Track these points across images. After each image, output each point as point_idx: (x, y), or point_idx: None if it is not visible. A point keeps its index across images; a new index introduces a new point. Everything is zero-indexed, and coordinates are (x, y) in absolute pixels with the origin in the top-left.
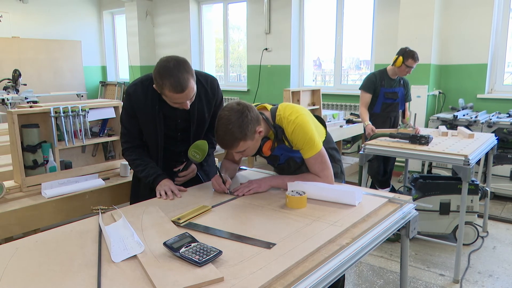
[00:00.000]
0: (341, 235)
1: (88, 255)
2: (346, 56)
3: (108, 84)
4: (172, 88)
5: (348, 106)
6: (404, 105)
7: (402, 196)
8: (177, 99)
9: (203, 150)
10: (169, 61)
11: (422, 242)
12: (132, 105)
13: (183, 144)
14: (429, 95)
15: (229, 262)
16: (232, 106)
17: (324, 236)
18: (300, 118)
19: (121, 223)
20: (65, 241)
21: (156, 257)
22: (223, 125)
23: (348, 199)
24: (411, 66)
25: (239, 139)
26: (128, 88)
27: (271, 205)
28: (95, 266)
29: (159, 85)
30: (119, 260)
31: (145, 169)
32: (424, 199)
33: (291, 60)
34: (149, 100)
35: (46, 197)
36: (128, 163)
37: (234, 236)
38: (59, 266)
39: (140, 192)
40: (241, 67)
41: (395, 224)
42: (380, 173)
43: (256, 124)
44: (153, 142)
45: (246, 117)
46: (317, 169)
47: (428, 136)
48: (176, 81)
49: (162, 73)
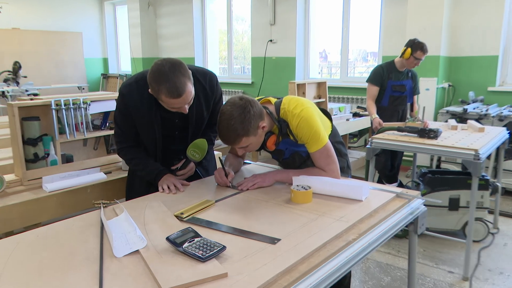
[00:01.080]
0: (348, 230)
1: (89, 250)
2: (352, 47)
3: (110, 77)
4: (169, 94)
5: (354, 99)
6: (412, 98)
7: (410, 191)
8: (175, 104)
9: (203, 149)
10: (163, 64)
11: (431, 239)
12: (126, 106)
13: (181, 143)
14: (438, 88)
15: (233, 258)
16: (234, 101)
17: (330, 231)
18: (305, 111)
19: (123, 217)
20: (66, 236)
21: (159, 252)
22: (225, 120)
23: (355, 194)
24: (420, 58)
25: (241, 135)
26: (122, 88)
27: (275, 200)
28: (97, 261)
29: (154, 90)
30: (121, 255)
31: (144, 168)
32: (433, 194)
33: (297, 52)
34: (145, 102)
35: (47, 191)
36: (125, 163)
37: (238, 231)
38: (60, 261)
39: (135, 188)
40: (245, 59)
41: (403, 219)
42: (388, 168)
43: (259, 119)
44: (150, 143)
45: (248, 113)
46: (323, 164)
47: (437, 129)
48: (173, 86)
49: (157, 78)
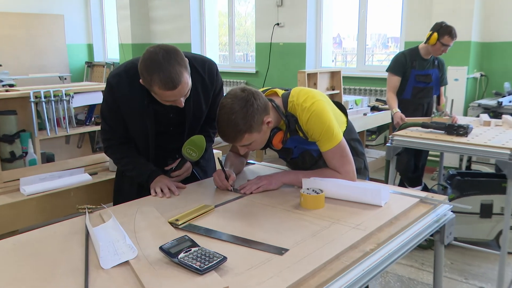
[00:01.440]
0: (365, 240)
1: (73, 261)
2: (371, 32)
3: (95, 65)
4: (162, 85)
5: (373, 91)
6: (439, 89)
7: (436, 196)
8: (169, 97)
9: (200, 147)
10: (157, 52)
11: (459, 250)
12: (115, 99)
13: (176, 140)
14: (469, 78)
15: (235, 270)
16: (236, 93)
17: (345, 241)
18: (316, 104)
19: (111, 224)
20: (47, 245)
21: (151, 263)
22: (225, 115)
23: (373, 198)
24: (448, 44)
25: (243, 131)
26: (110, 78)
27: (283, 205)
28: (81, 273)
29: (146, 81)
30: (109, 267)
31: (135, 168)
32: (462, 199)
33: (307, 37)
34: (137, 93)
35: (25, 194)
36: (113, 162)
37: (240, 240)
38: (40, 273)
39: (124, 191)
40: (248, 45)
41: (428, 228)
42: (411, 169)
43: (264, 113)
44: (142, 140)
45: (251, 106)
46: (337, 164)
47: (467, 126)
48: (167, 76)
49: (150, 67)
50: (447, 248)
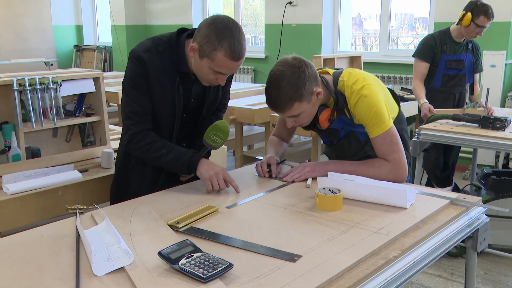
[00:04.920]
0: (388, 246)
1: (63, 267)
2: (396, 12)
3: (85, 49)
4: (230, 52)
5: (397, 79)
6: (473, 77)
7: (469, 197)
8: (225, 68)
9: (226, 132)
10: (229, 20)
11: (494, 258)
12: (147, 76)
13: (186, 128)
14: (508, 64)
15: (242, 278)
16: (286, 60)
17: (365, 247)
18: (367, 88)
19: (104, 226)
20: (33, 249)
21: (149, 270)
22: (276, 81)
23: (397, 199)
24: (483, 25)
25: (293, 99)
26: (140, 54)
27: (296, 206)
28: (72, 280)
29: (212, 45)
30: (102, 274)
31: (171, 151)
32: (498, 201)
33: (323, 18)
34: (168, 72)
35: (8, 193)
36: (140, 151)
37: (248, 245)
38: (25, 281)
39: (130, 188)
40: (257, 27)
41: (459, 233)
42: (440, 167)
43: (315, 83)
44: (167, 126)
45: (303, 73)
46: (386, 151)
47: (505, 118)
48: (237, 45)
49: (222, 32)
50: (480, 256)
